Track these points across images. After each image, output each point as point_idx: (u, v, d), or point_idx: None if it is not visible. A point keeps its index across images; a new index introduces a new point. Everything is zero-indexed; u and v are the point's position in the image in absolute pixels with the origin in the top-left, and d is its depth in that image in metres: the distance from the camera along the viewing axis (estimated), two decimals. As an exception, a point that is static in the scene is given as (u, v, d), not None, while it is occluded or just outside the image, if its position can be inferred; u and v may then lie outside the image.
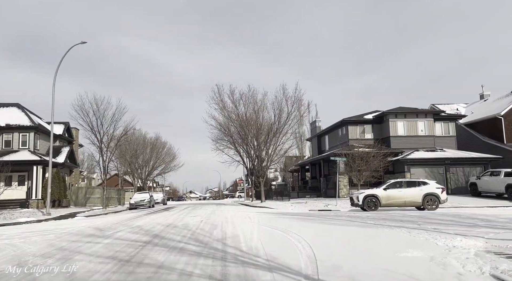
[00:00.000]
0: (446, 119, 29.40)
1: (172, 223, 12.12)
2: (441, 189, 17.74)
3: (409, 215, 13.62)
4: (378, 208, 17.67)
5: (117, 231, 10.40)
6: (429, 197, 17.35)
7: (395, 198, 17.74)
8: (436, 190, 17.52)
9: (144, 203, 28.97)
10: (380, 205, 17.72)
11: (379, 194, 17.86)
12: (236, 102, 27.27)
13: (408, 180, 18.92)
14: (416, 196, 17.47)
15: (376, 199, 17.86)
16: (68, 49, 21.46)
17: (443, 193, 17.55)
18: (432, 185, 17.80)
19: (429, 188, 17.59)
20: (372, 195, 17.98)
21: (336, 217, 13.48)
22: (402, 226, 10.13)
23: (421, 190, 17.52)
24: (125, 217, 16.94)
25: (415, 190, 17.59)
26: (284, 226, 10.54)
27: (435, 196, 17.34)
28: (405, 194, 17.64)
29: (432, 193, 17.42)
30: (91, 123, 24.72)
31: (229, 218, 13.37)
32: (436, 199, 17.30)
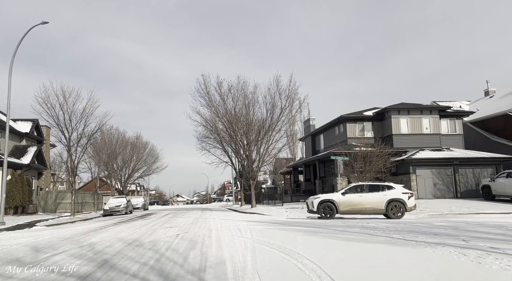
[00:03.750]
0: (452, 116, 27.14)
1: (138, 239, 9.26)
2: (408, 194, 15.52)
3: (437, 225, 11.04)
4: (335, 216, 15.86)
5: (57, 252, 7.51)
6: (394, 203, 15.22)
7: (354, 204, 15.73)
8: (402, 195, 15.33)
9: (120, 209, 25.88)
10: (337, 212, 15.86)
11: (336, 199, 15.95)
12: (224, 96, 24.42)
13: (370, 183, 16.87)
14: (378, 202, 15.39)
15: (333, 205, 15.95)
16: (27, 31, 18.39)
17: (411, 199, 15.32)
18: (398, 190, 15.65)
19: (394, 193, 15.41)
20: (328, 201, 16.06)
21: (346, 227, 10.80)
22: (442, 242, 7.54)
23: (385, 195, 15.41)
24: (88, 227, 13.96)
25: (378, 195, 15.49)
26: (286, 243, 7.82)
27: (401, 203, 15.20)
28: (366, 200, 15.58)
29: (397, 199, 15.24)
30: (57, 118, 21.55)
31: (213, 231, 10.55)
32: (402, 206, 15.17)
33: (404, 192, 15.61)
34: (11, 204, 22.68)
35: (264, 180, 69.25)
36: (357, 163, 21.91)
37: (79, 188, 72.52)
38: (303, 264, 5.66)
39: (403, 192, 15.60)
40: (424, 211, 18.01)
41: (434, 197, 23.57)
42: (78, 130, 22.66)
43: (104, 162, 35.98)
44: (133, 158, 40.22)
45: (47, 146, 32.63)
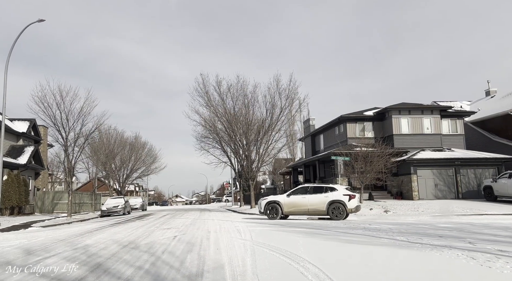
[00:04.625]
0: (453, 116, 26.90)
1: (134, 241, 8.99)
2: (349, 196, 15.41)
3: (441, 227, 10.79)
4: (280, 216, 16.13)
5: (50, 255, 7.24)
6: (335, 204, 15.34)
7: (298, 205, 16.01)
8: (343, 197, 15.33)
9: (118, 210, 25.56)
10: (282, 213, 16.22)
11: (282, 201, 16.31)
12: (223, 95, 24.13)
13: (314, 185, 17.14)
14: (320, 203, 15.55)
15: (278, 206, 16.32)
16: (23, 28, 18.13)
17: (352, 201, 15.25)
18: (340, 192, 15.64)
19: (336, 195, 15.47)
20: (274, 202, 16.50)
21: (348, 229, 10.54)
22: (448, 245, 7.31)
23: (326, 197, 15.52)
24: (84, 229, 13.68)
25: (320, 197, 15.65)
26: (287, 245, 7.56)
27: (342, 204, 15.23)
28: (308, 201, 15.79)
29: (338, 201, 15.31)
30: (54, 118, 21.24)
31: (212, 232, 10.28)
32: (342, 207, 15.22)
33: (345, 193, 15.58)
34: (7, 204, 22.39)
35: (263, 180, 68.96)
36: (358, 163, 21.66)
37: (77, 188, 72.11)
38: (305, 268, 5.40)
39: (344, 193, 15.56)
40: (426, 212, 17.77)
41: (435, 198, 23.32)
42: (76, 130, 22.38)
43: (102, 162, 35.65)
44: (131, 158, 39.90)
45: (44, 145, 32.33)
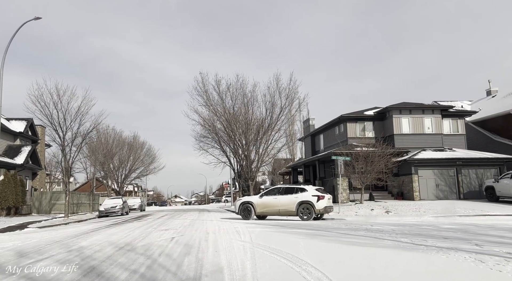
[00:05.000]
0: (454, 116, 26.70)
1: (130, 243, 8.74)
2: (318, 196, 15.50)
3: (445, 228, 10.56)
4: (253, 217, 16.53)
5: (43, 258, 6.99)
6: (304, 205, 15.51)
7: (270, 206, 16.33)
8: (311, 198, 15.45)
9: (116, 210, 25.30)
10: (255, 213, 16.57)
11: (255, 202, 16.67)
12: (222, 94, 23.88)
13: (286, 186, 17.61)
14: (290, 204, 15.77)
15: (251, 206, 16.66)
16: (20, 26, 17.89)
17: (320, 202, 15.37)
18: (309, 192, 15.78)
19: (305, 196, 15.65)
20: (247, 202, 16.87)
21: (350, 230, 10.31)
22: (454, 247, 7.09)
23: (296, 198, 15.75)
24: (80, 230, 13.42)
25: (290, 198, 15.90)
26: (288, 247, 7.33)
27: (310, 205, 15.37)
28: (279, 202, 16.10)
29: (307, 201, 15.46)
30: (51, 117, 20.98)
31: (210, 233, 10.04)
32: (311, 208, 15.36)
33: (314, 194, 15.62)
34: (3, 205, 22.13)
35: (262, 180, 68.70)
36: (359, 163, 21.45)
37: (76, 188, 71.79)
38: (308, 272, 5.16)
39: (313, 194, 15.62)
40: (427, 213, 17.55)
41: (437, 198, 23.11)
42: (73, 129, 22.12)
43: (100, 162, 35.36)
44: (130, 158, 39.62)
45: (42, 145, 32.07)
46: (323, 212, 15.76)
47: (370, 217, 16.81)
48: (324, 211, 15.68)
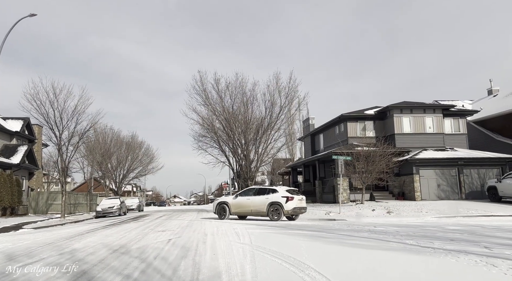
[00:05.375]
0: (455, 115, 26.42)
1: (125, 245, 8.42)
2: (287, 198, 15.68)
3: (451, 229, 10.27)
4: (228, 216, 17.09)
5: (32, 261, 6.67)
6: (274, 206, 15.79)
7: (243, 206, 16.80)
8: (281, 199, 15.70)
9: (114, 210, 24.95)
10: (230, 213, 17.14)
11: (230, 202, 17.27)
12: (221, 93, 23.53)
13: (259, 187, 18.03)
14: (261, 204, 16.13)
15: (226, 206, 17.24)
16: (15, 23, 17.55)
17: (289, 203, 15.57)
18: (280, 193, 16.06)
19: (275, 197, 15.94)
20: (223, 203, 17.52)
21: (352, 232, 10.00)
22: (463, 250, 6.82)
23: (267, 199, 16.07)
24: (76, 230, 13.09)
25: (262, 199, 16.26)
26: (290, 250, 7.02)
27: (279, 206, 15.63)
28: (252, 202, 16.52)
29: (276, 202, 15.72)
30: (47, 116, 20.63)
31: (209, 235, 9.72)
32: (280, 209, 15.61)
33: (284, 195, 15.80)
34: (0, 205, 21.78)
35: (261, 180, 68.38)
36: (360, 163, 21.15)
37: (74, 188, 71.38)
38: (311, 277, 4.86)
39: (283, 195, 15.81)
40: (430, 213, 17.26)
41: (438, 198, 22.83)
42: (70, 128, 21.77)
43: (98, 161, 34.98)
44: (128, 158, 39.25)
45: (39, 145, 31.69)
46: (292, 213, 15.83)
47: (371, 217, 16.51)
48: (293, 212, 15.75)
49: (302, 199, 16.23)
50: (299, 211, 16.15)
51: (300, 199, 16.01)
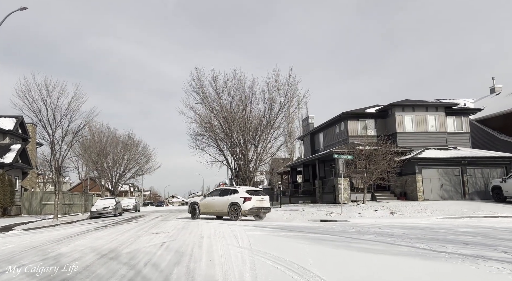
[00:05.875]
0: (458, 113, 25.91)
1: (115, 249, 7.84)
2: (245, 198, 15.97)
3: (462, 231, 9.73)
4: (199, 216, 17.69)
5: (12, 267, 6.08)
6: (233, 206, 16.17)
7: (209, 207, 17.35)
8: (239, 200, 16.02)
9: (109, 211, 24.34)
10: (200, 213, 17.72)
11: (199, 202, 17.92)
12: (219, 91, 22.92)
13: (224, 188, 18.59)
14: (224, 205, 16.58)
15: (197, 206, 17.88)
16: (5, 17, 16.92)
17: (246, 203, 15.83)
18: (239, 194, 16.36)
19: (235, 197, 16.33)
20: (194, 203, 18.19)
21: (358, 234, 9.45)
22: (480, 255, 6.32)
23: (228, 199, 16.52)
24: (66, 232, 12.49)
25: (224, 199, 16.75)
26: (293, 255, 6.47)
27: (237, 206, 15.97)
28: (216, 203, 17.06)
29: (235, 203, 16.08)
30: (39, 114, 20.01)
31: (205, 238, 9.15)
32: (238, 209, 15.92)
33: (242, 196, 16.05)
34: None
35: (260, 180, 67.81)
36: (361, 162, 20.61)
37: (71, 188, 70.59)
38: (320, 288, 4.30)
39: (241, 196, 16.08)
40: (434, 214, 16.74)
41: (441, 199, 22.32)
42: (63, 127, 21.15)
43: (93, 160, 34.33)
44: (124, 157, 38.58)
45: (33, 144, 31.04)
46: (248, 214, 15.93)
47: (374, 218, 15.97)
48: (250, 212, 15.85)
49: (262, 199, 16.38)
50: (257, 211, 16.22)
51: (259, 199, 16.17)
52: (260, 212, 16.45)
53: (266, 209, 16.67)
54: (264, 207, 16.46)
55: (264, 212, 16.74)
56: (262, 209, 16.37)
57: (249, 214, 16.04)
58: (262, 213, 16.72)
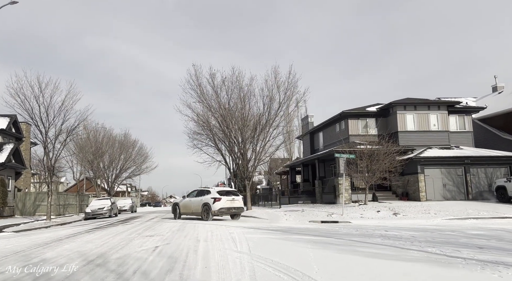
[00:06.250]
0: (460, 112, 25.44)
1: (104, 254, 7.29)
2: (215, 199, 16.34)
3: (473, 234, 9.21)
4: (180, 216, 18.37)
5: (-13, 276, 5.53)
6: (205, 207, 16.57)
7: (187, 207, 17.90)
8: (209, 200, 16.44)
9: (104, 212, 23.75)
10: (180, 213, 18.35)
11: (180, 203, 18.60)
12: (217, 88, 22.35)
13: (200, 189, 18.71)
14: (198, 205, 17.00)
15: (177, 207, 18.55)
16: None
17: (216, 204, 16.20)
18: (211, 195, 16.78)
19: (207, 198, 16.73)
20: (176, 204, 18.96)
21: (364, 237, 8.93)
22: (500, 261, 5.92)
23: (201, 200, 16.95)
24: (56, 235, 11.91)
25: (198, 200, 17.17)
26: (296, 261, 5.94)
27: (208, 206, 16.35)
28: (192, 203, 17.53)
29: (207, 203, 16.51)
30: (32, 112, 19.40)
31: (201, 241, 8.61)
32: (209, 209, 16.30)
33: (212, 197, 16.44)
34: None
35: (258, 180, 67.27)
36: (362, 162, 20.10)
37: (67, 189, 69.86)
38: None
39: (212, 197, 16.47)
40: (438, 215, 16.22)
41: (444, 199, 21.83)
42: (56, 125, 20.55)
43: (88, 160, 33.68)
44: (121, 157, 37.95)
45: (27, 144, 30.40)
46: (218, 214, 16.27)
47: (377, 219, 15.44)
48: (219, 212, 16.19)
49: (233, 199, 16.65)
50: (227, 211, 16.58)
51: (230, 200, 16.46)
52: (230, 212, 16.76)
53: (237, 209, 16.94)
54: (235, 207, 16.74)
55: (236, 212, 17.03)
56: (232, 209, 16.65)
57: (219, 214, 16.40)
58: (233, 213, 17.02)
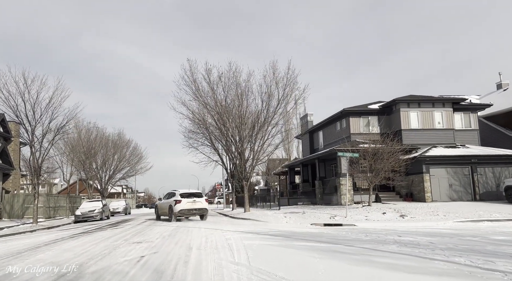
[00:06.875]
0: (466, 110, 24.56)
1: (81, 265, 6.29)
2: (176, 201, 17.22)
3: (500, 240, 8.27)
4: (160, 218, 19.57)
5: None
6: (170, 208, 17.53)
7: (161, 209, 19.13)
8: (172, 202, 17.39)
9: (94, 214, 22.68)
10: (159, 214, 19.70)
11: (158, 204, 19.98)
12: (213, 85, 21.32)
13: (171, 191, 19.23)
14: (166, 207, 18.13)
15: (156, 208, 20.06)
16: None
17: (177, 205, 17.04)
18: (174, 197, 17.63)
19: (171, 200, 17.64)
20: (156, 206, 20.26)
21: (375, 244, 7.96)
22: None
23: (168, 202, 18.01)
24: (35, 241, 10.88)
25: (167, 201, 18.34)
26: (304, 275, 4.98)
27: (171, 208, 17.31)
28: (163, 205, 18.82)
29: (171, 205, 17.43)
30: (16, 109, 18.33)
31: (194, 249, 7.62)
32: (171, 211, 17.29)
33: (175, 199, 17.36)
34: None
35: (256, 181, 66.27)
36: (366, 161, 19.16)
37: (61, 190, 68.52)
38: None
39: (174, 199, 17.38)
40: (448, 217, 15.27)
41: (450, 199, 20.93)
42: (44, 124, 19.48)
43: (80, 160, 32.57)
44: (114, 157, 36.84)
45: (16, 144, 29.27)
46: (179, 215, 17.02)
47: (383, 222, 14.49)
48: (180, 214, 16.95)
49: (194, 201, 17.24)
50: (188, 213, 17.16)
51: (190, 202, 17.11)
52: (191, 213, 17.31)
53: (199, 210, 17.50)
54: (196, 208, 17.33)
55: (197, 213, 17.56)
56: (193, 210, 17.27)
57: (180, 216, 17.14)
58: (194, 214, 17.56)
